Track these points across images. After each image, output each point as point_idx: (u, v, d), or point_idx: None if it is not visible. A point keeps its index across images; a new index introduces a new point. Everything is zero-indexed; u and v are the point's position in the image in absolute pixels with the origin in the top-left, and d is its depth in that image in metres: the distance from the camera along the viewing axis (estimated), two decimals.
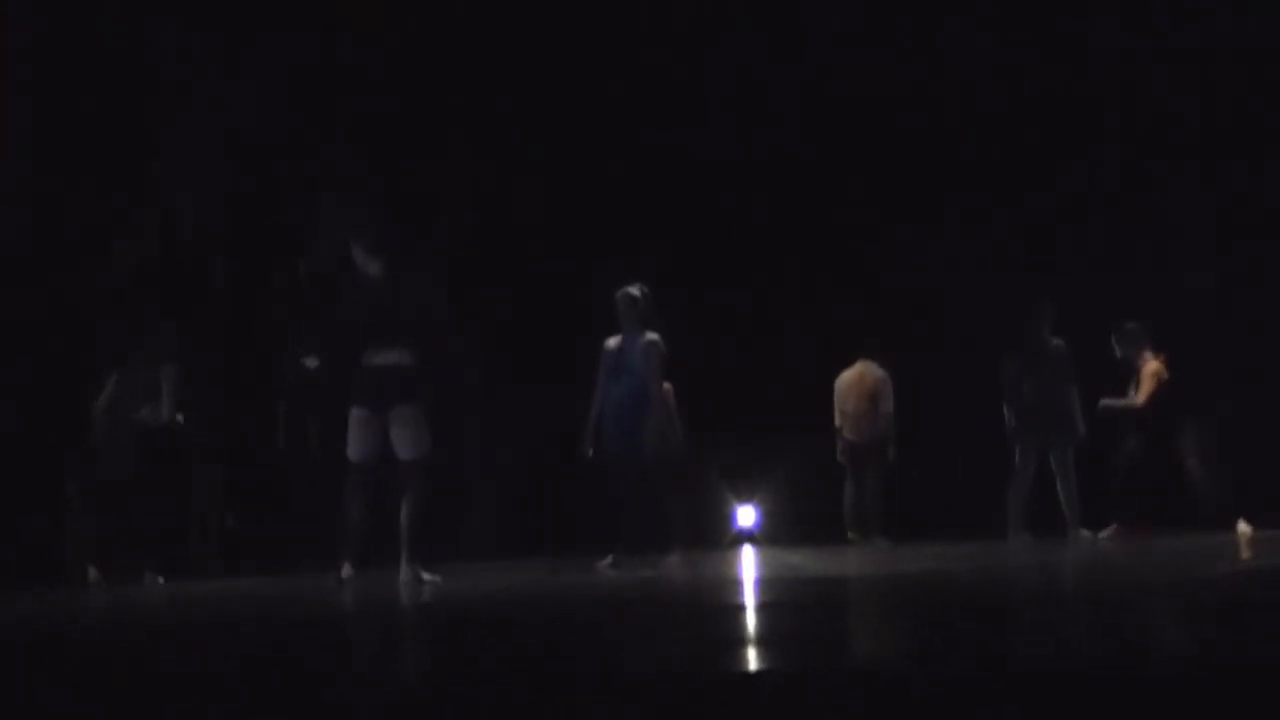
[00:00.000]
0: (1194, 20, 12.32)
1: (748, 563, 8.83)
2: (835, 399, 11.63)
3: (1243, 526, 9.97)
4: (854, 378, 11.60)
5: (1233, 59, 12.41)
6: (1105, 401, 10.53)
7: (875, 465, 11.41)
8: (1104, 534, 10.27)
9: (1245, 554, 7.13)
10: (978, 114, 13.10)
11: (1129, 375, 10.57)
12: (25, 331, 10.76)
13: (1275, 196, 12.26)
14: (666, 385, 9.57)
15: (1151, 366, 10.48)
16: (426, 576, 7.49)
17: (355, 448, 7.69)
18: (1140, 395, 10.43)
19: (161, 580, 9.41)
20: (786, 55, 13.34)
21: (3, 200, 11.15)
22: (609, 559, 8.49)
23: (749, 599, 5.23)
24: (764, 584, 6.30)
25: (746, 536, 13.34)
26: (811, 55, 13.27)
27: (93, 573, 9.30)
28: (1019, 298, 10.85)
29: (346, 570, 7.57)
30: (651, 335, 8.75)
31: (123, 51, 11.76)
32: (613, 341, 8.84)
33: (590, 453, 8.79)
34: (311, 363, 7.79)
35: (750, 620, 4.20)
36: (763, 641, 3.47)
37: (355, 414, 7.68)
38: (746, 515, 13.46)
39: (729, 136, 13.49)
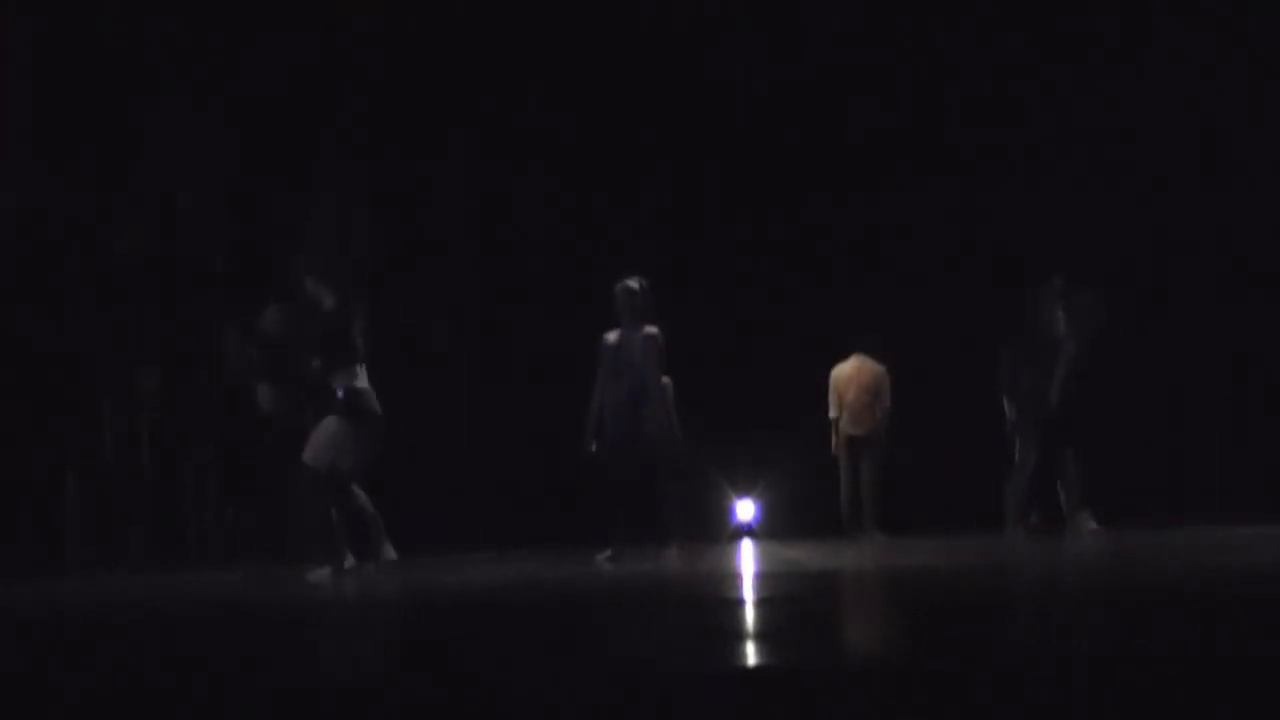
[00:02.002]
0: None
1: (746, 557, 8.83)
2: (831, 391, 11.60)
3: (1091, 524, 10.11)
4: (852, 370, 11.58)
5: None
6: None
7: (872, 458, 11.42)
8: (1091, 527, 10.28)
9: (1246, 550, 7.14)
10: (972, 112, 13.14)
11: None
12: (27, 326, 10.78)
13: None
14: (665, 379, 9.57)
15: None
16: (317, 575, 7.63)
17: (347, 459, 7.84)
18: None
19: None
20: (784, 50, 13.35)
21: (3, 192, 11.16)
22: (608, 552, 8.50)
23: (747, 593, 5.23)
24: (762, 578, 6.31)
25: (745, 530, 13.34)
26: (810, 51, 13.29)
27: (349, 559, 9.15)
28: (1017, 290, 10.87)
29: (349, 561, 7.88)
30: (650, 329, 8.75)
31: (123, 48, 11.77)
32: (612, 335, 8.83)
33: (591, 447, 8.79)
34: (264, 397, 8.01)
35: (748, 615, 4.20)
36: (761, 636, 3.47)
37: (339, 427, 7.85)
38: (745, 509, 13.47)
39: (728, 133, 13.50)
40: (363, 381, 7.90)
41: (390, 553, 7.92)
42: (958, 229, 13.04)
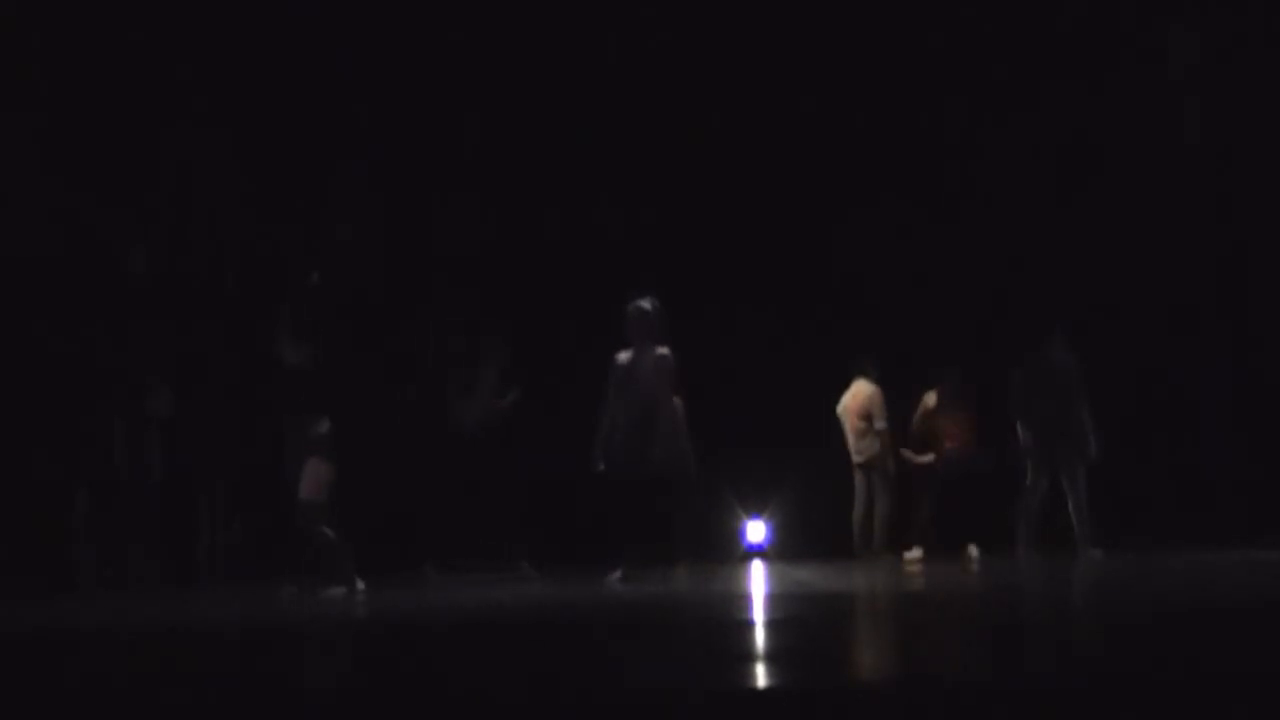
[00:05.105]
0: None
1: (757, 578, 8.81)
2: (842, 424, 11.65)
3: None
4: (848, 398, 11.63)
5: None
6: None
7: (881, 481, 11.41)
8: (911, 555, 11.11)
9: (1251, 572, 7.11)
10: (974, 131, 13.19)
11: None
12: (40, 337, 10.83)
13: None
14: (676, 399, 9.56)
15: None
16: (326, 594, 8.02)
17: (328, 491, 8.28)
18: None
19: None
20: (791, 84, 13.42)
21: (16, 209, 11.22)
22: (618, 573, 8.48)
23: (758, 615, 5.22)
24: (773, 600, 6.29)
25: (756, 552, 13.31)
26: (816, 83, 13.35)
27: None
28: (1029, 311, 10.87)
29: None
30: (662, 349, 8.74)
31: (137, 63, 11.85)
32: (623, 355, 8.83)
33: (600, 467, 8.78)
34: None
35: (759, 636, 4.19)
36: (770, 658, 3.46)
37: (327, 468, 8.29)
38: (756, 530, 13.43)
39: (739, 156, 13.53)
40: (325, 427, 8.27)
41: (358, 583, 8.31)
42: (967, 247, 13.02)
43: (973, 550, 11.09)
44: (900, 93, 13.44)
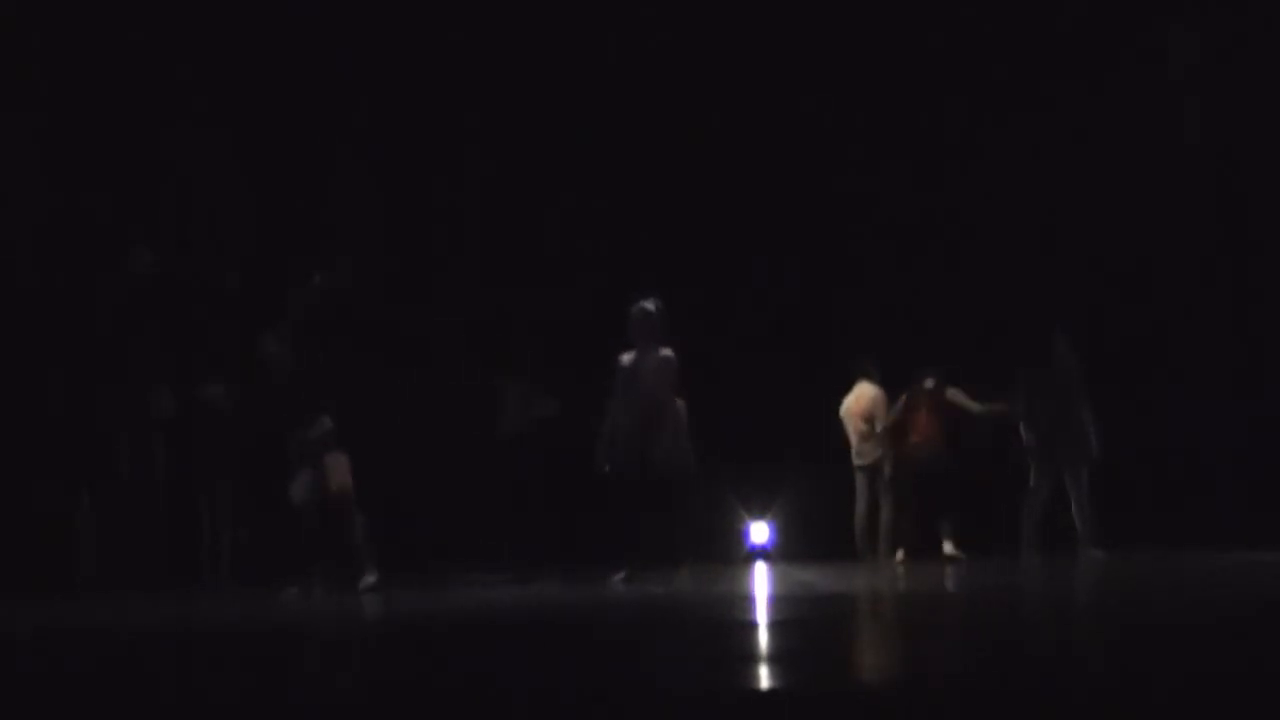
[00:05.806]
0: None
1: (760, 579, 8.80)
2: (845, 427, 11.64)
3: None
4: (851, 401, 11.60)
5: None
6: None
7: (884, 484, 11.41)
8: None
9: (1248, 576, 7.10)
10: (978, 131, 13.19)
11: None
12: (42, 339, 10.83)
13: None
14: (679, 401, 9.55)
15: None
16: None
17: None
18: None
19: None
20: (792, 84, 13.42)
21: (20, 211, 11.22)
22: (621, 574, 8.47)
23: (761, 616, 5.21)
24: (776, 601, 6.28)
25: (760, 553, 13.28)
26: (816, 83, 13.36)
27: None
28: (1032, 316, 10.86)
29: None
30: (665, 351, 8.73)
31: (137, 63, 11.86)
32: (626, 357, 8.81)
33: (605, 468, 8.78)
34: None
35: (762, 638, 4.18)
36: (773, 659, 3.46)
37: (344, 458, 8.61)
38: (760, 532, 13.40)
39: (741, 156, 13.54)
40: (326, 425, 8.50)
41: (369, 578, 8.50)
42: (967, 247, 13.02)
43: (947, 547, 10.99)
44: (900, 93, 13.44)
